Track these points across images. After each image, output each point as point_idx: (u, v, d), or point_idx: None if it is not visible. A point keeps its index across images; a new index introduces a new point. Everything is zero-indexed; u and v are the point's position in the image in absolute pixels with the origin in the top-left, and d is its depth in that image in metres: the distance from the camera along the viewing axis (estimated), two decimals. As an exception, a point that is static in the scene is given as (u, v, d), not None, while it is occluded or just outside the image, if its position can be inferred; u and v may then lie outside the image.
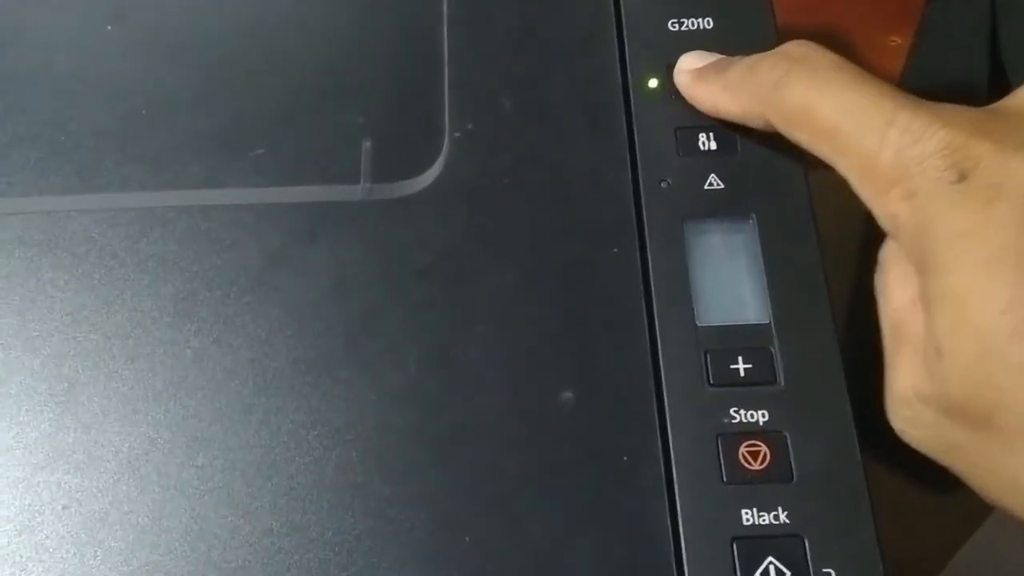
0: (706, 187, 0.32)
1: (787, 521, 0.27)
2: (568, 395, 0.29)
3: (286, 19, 0.37)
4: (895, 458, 0.46)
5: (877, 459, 0.31)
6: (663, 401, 0.28)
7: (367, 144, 0.33)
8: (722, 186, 0.32)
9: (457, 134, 0.33)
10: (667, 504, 0.27)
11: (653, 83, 0.34)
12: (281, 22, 0.37)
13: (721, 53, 0.33)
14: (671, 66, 0.34)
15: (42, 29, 0.36)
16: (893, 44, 0.59)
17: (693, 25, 0.35)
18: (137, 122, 0.34)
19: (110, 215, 0.32)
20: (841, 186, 0.28)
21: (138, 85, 0.35)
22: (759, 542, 0.27)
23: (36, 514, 0.28)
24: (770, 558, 0.26)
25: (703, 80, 0.32)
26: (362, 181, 0.33)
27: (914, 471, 0.46)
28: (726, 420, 0.28)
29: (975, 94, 0.57)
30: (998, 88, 0.57)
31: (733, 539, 0.27)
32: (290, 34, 0.37)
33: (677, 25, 0.35)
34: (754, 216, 0.31)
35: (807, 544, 0.27)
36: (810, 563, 0.26)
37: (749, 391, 0.29)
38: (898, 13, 0.60)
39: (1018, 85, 0.55)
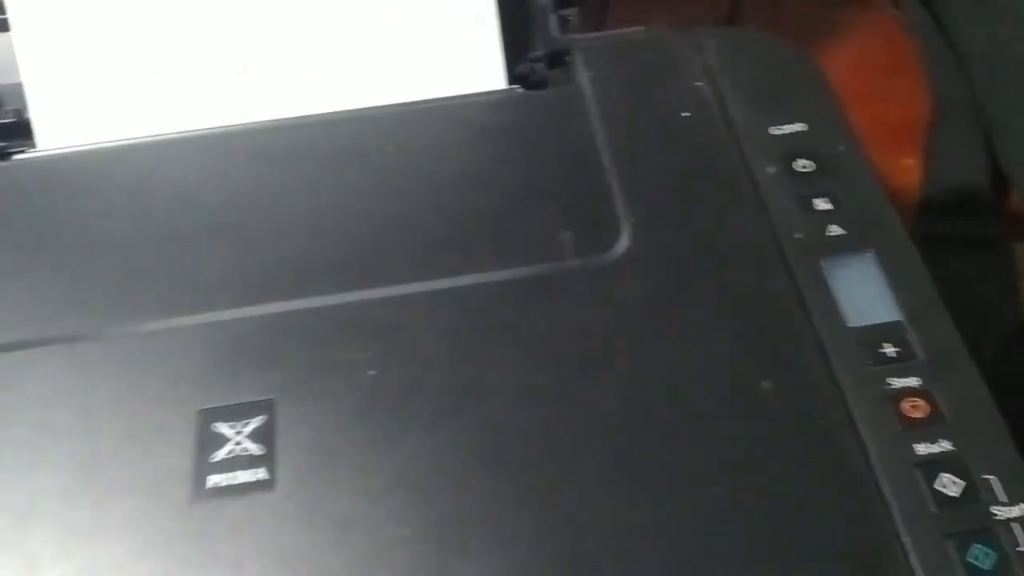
0: (828, 234, 0.43)
1: (951, 447, 0.36)
2: (768, 384, 0.38)
3: (473, 165, 0.49)
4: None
5: None
6: (836, 379, 0.38)
7: (566, 233, 0.44)
8: (843, 232, 0.43)
9: (633, 219, 0.44)
10: (860, 449, 0.36)
11: (770, 170, 0.45)
12: (468, 168, 0.48)
13: (817, 147, 0.45)
14: (781, 156, 0.45)
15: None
16: (907, 165, 0.72)
17: (791, 129, 0.47)
18: (384, 236, 0.45)
19: (374, 303, 0.42)
20: None
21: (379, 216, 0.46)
22: (933, 464, 0.36)
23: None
24: (942, 473, 0.36)
25: None
26: (567, 258, 0.43)
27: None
28: (887, 387, 0.38)
29: (981, 197, 0.70)
30: (1001, 196, 0.70)
31: (915, 464, 0.36)
32: (479, 174, 0.48)
33: (778, 130, 0.47)
34: (871, 249, 0.42)
35: (968, 460, 0.36)
36: (972, 474, 0.36)
37: (899, 366, 0.38)
38: (908, 138, 0.73)
39: (1019, 186, 0.68)
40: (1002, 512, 0.35)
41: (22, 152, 0.53)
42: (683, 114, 0.48)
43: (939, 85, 0.75)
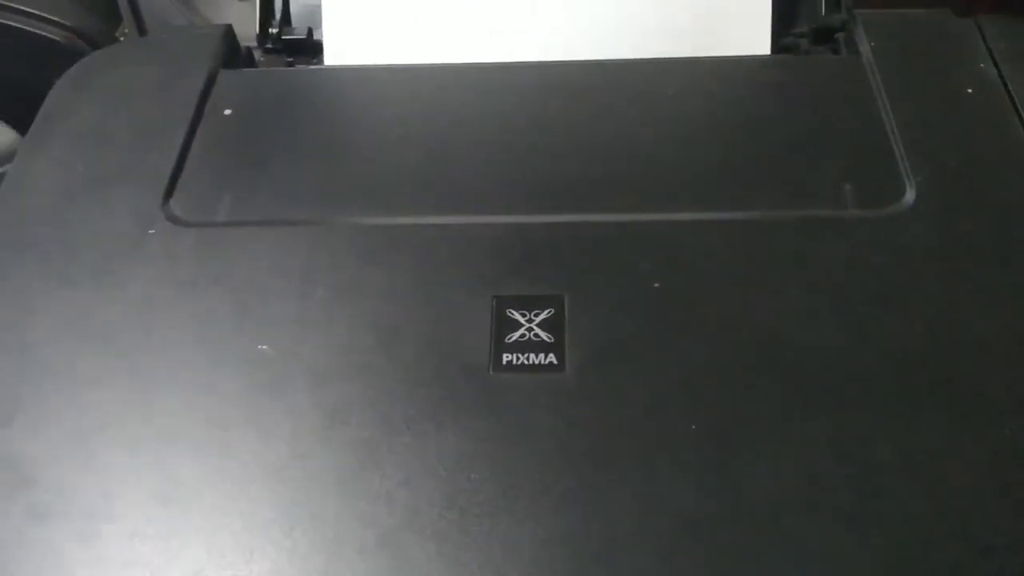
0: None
1: None
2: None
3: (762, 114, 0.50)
4: None
5: None
6: None
7: (849, 186, 0.45)
8: None
9: (919, 178, 0.44)
10: None
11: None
12: (754, 112, 0.50)
13: None
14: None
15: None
16: None
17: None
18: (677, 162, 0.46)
19: (662, 224, 0.43)
20: None
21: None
22: None
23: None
24: None
25: None
26: (849, 208, 0.44)
27: None
28: None
29: None
30: None
31: None
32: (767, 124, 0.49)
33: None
34: None
35: None
36: None
37: None
38: None
39: None
40: None
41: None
42: (968, 90, 0.48)
43: None
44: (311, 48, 0.58)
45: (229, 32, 0.56)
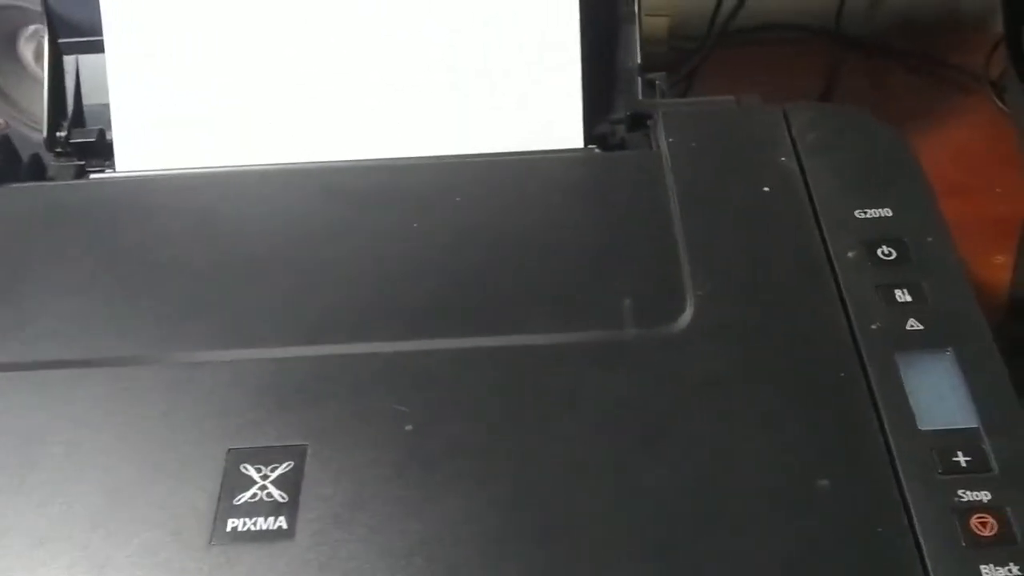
0: (908, 328, 0.40)
1: (1020, 574, 0.33)
2: (824, 483, 0.36)
3: (542, 222, 0.47)
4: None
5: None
6: (902, 485, 0.35)
7: (628, 302, 0.42)
8: (921, 327, 0.40)
9: (700, 293, 0.42)
10: (920, 566, 0.34)
11: (851, 255, 0.43)
12: (538, 225, 0.47)
13: (902, 234, 0.43)
14: (863, 241, 0.43)
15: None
16: (998, 262, 0.69)
17: (876, 213, 0.44)
18: (449, 291, 0.43)
19: (420, 355, 0.41)
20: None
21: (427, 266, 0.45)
22: (1000, 591, 0.33)
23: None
24: (1011, 603, 0.33)
25: None
26: (626, 327, 0.41)
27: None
28: (956, 499, 0.35)
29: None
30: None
31: (978, 589, 0.33)
32: (547, 231, 0.47)
33: (863, 213, 0.44)
34: (950, 348, 0.39)
35: (1040, 591, 0.33)
36: (1045, 606, 0.32)
37: (971, 477, 0.36)
38: (998, 235, 0.70)
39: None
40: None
41: (100, 172, 0.54)
42: (764, 189, 0.46)
43: (1042, 180, 0.72)
44: (103, 150, 0.55)
45: (5, 142, 0.52)
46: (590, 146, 0.53)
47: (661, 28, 0.75)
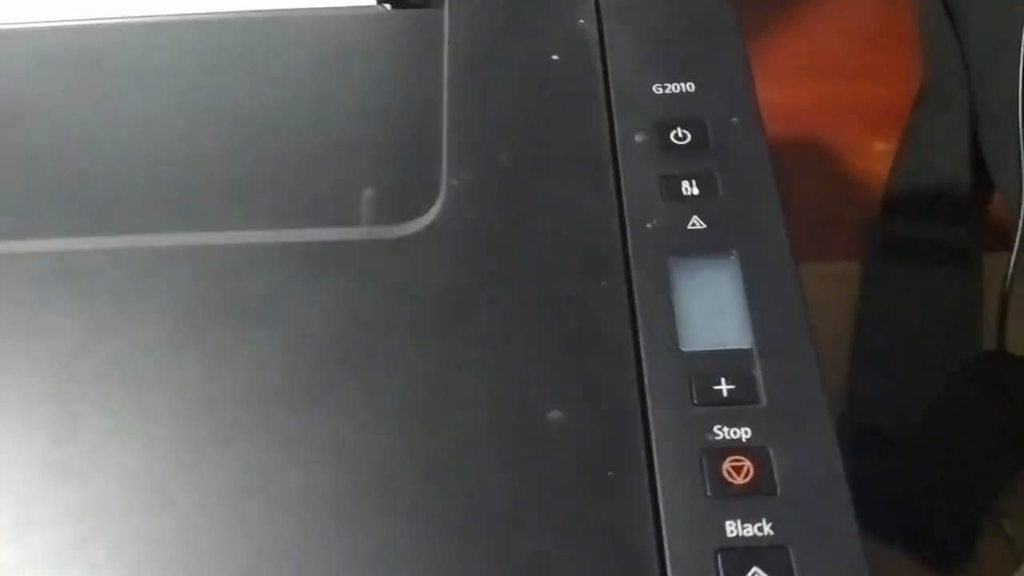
0: (689, 227, 0.33)
1: (771, 532, 0.27)
2: (556, 414, 0.29)
3: (294, 88, 0.39)
4: (894, 533, 0.46)
5: (875, 537, 0.32)
6: (648, 419, 0.29)
7: (368, 192, 0.35)
8: (704, 227, 0.33)
9: (455, 183, 0.35)
10: (652, 517, 0.27)
11: (639, 138, 0.36)
12: (289, 91, 0.39)
13: (703, 115, 0.36)
14: (656, 123, 0.36)
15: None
16: (878, 149, 0.62)
17: (676, 89, 0.37)
18: (154, 172, 0.36)
19: (124, 255, 0.33)
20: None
21: (159, 143, 0.37)
22: (744, 553, 0.27)
23: (28, 526, 0.28)
24: (755, 568, 0.27)
25: None
26: (362, 223, 0.34)
27: (915, 545, 0.46)
28: (710, 437, 0.29)
29: (959, 196, 0.60)
30: (981, 190, 0.60)
31: (718, 550, 0.27)
32: (297, 100, 0.39)
33: (661, 89, 0.37)
34: (735, 253, 0.32)
35: (792, 554, 0.27)
36: (795, 573, 0.26)
37: (732, 410, 0.29)
38: (882, 120, 0.63)
39: (1002, 187, 0.57)
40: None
41: None
42: (553, 57, 0.39)
43: (933, 64, 0.64)
44: None
45: None
46: (383, 4, 0.45)
47: None
